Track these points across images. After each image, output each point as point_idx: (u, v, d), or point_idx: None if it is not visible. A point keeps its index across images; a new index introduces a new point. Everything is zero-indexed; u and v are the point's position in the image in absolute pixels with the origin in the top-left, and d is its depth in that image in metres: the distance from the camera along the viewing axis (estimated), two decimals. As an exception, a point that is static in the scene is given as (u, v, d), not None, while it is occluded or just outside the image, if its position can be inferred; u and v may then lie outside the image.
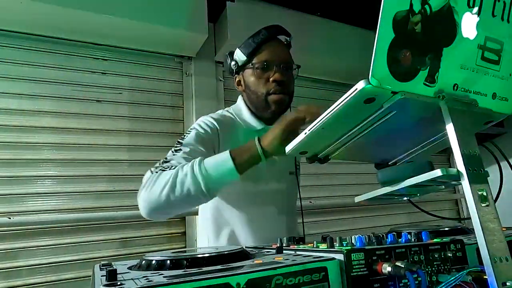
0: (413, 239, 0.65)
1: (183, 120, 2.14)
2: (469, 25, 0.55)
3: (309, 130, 0.62)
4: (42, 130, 1.80)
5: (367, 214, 2.58)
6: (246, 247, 0.87)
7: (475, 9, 0.55)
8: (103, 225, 1.84)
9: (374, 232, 0.71)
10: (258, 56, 1.11)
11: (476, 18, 0.56)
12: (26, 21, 1.75)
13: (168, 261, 0.56)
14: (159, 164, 0.96)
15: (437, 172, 0.52)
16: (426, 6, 0.51)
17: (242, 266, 0.52)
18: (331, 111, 0.56)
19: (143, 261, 0.59)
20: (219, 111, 1.22)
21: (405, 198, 0.71)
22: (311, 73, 2.57)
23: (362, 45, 2.35)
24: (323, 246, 0.65)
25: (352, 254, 0.55)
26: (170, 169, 0.90)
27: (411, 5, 0.50)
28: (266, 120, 1.16)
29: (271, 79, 1.09)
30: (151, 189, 0.88)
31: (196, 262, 0.56)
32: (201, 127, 1.08)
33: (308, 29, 2.37)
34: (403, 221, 2.60)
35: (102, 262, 0.68)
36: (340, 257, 0.55)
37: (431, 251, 0.62)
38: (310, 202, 2.34)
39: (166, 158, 0.98)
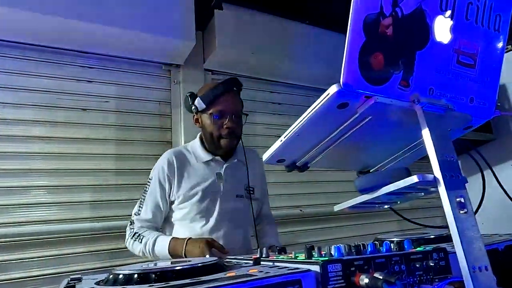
0: (394, 248, 0.63)
1: (171, 128, 2.11)
2: (442, 28, 0.54)
3: (284, 137, 0.60)
4: (25, 139, 1.76)
5: (357, 222, 2.56)
6: (226, 258, 0.85)
7: (448, 13, 0.54)
8: (88, 236, 1.80)
9: (357, 241, 0.69)
10: (215, 107, 1.32)
11: (449, 22, 0.55)
12: (9, 29, 1.72)
13: (136, 275, 0.53)
14: (131, 225, 1.34)
15: (413, 179, 0.50)
16: (397, 9, 0.50)
17: (212, 280, 0.49)
18: (305, 117, 0.55)
19: (111, 275, 0.57)
20: (179, 147, 1.48)
21: (386, 206, 0.69)
22: (299, 80, 2.57)
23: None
24: (302, 257, 0.63)
25: (328, 265, 0.52)
26: (137, 240, 1.29)
27: (381, 8, 0.49)
28: (215, 154, 1.39)
29: (224, 126, 1.31)
30: (132, 248, 1.32)
31: (166, 275, 0.53)
32: (160, 173, 1.34)
33: (296, 37, 2.38)
34: (394, 229, 2.57)
35: (72, 276, 0.66)
36: (316, 268, 0.52)
37: (413, 261, 0.60)
38: (301, 210, 2.31)
39: (132, 222, 1.34)
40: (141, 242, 1.27)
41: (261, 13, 2.29)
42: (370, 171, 0.76)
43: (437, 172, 0.50)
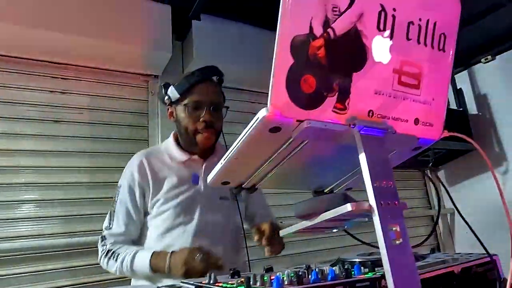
0: (341, 275, 0.61)
1: (148, 140, 2.08)
2: (381, 49, 0.53)
3: (224, 160, 0.58)
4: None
5: (341, 232, 2.52)
6: (182, 282, 0.82)
7: (387, 33, 0.53)
8: (63, 252, 1.74)
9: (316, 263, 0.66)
10: (191, 96, 1.19)
11: (388, 42, 0.53)
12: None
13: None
14: (102, 242, 1.21)
15: (347, 207, 0.48)
16: (329, 30, 0.48)
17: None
18: (239, 141, 0.52)
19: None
20: (151, 148, 1.38)
21: (335, 230, 0.67)
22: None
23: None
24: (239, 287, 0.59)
25: (261, 299, 0.50)
26: (112, 258, 1.17)
27: (311, 29, 0.47)
28: (192, 152, 1.26)
29: (201, 119, 1.19)
30: (107, 267, 1.20)
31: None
32: (130, 181, 1.21)
33: (277, 48, 2.37)
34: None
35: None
36: (248, 302, 0.49)
37: (359, 289, 0.58)
38: (281, 222, 2.28)
39: (104, 238, 1.21)
40: (116, 261, 1.15)
41: (241, 23, 2.28)
42: (324, 191, 0.73)
43: (371, 199, 0.48)
